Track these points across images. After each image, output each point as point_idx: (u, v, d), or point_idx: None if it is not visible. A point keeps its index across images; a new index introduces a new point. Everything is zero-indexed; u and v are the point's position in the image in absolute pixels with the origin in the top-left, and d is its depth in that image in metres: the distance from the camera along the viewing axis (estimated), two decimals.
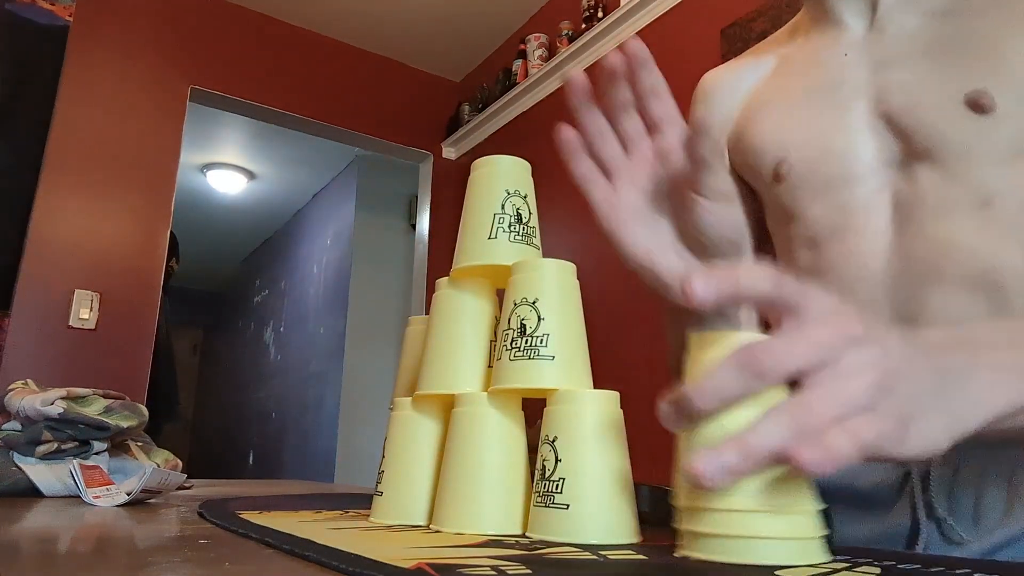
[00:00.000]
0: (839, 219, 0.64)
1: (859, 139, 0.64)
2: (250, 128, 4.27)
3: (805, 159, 0.67)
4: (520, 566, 0.32)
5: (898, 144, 0.62)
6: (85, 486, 0.66)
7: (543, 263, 0.50)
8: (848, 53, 0.67)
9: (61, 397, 0.77)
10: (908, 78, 0.61)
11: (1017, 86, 0.55)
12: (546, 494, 0.43)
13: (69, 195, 2.69)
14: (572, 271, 0.51)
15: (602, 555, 0.37)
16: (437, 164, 3.69)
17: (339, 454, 4.10)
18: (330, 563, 0.33)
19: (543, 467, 0.44)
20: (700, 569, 0.34)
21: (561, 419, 0.44)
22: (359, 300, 4.33)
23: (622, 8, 2.58)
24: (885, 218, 0.62)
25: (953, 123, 0.57)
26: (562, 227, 2.84)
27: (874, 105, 0.63)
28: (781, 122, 0.70)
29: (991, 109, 0.55)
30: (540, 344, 0.46)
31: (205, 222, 5.82)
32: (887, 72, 0.63)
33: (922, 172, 0.60)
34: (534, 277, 0.49)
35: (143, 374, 2.73)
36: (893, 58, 0.63)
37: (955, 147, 0.57)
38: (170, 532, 0.50)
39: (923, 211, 0.59)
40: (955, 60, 0.58)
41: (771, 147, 0.70)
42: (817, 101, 0.67)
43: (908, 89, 0.61)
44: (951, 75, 0.58)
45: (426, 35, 3.47)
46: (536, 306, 0.47)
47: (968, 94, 0.56)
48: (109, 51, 2.86)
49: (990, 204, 0.56)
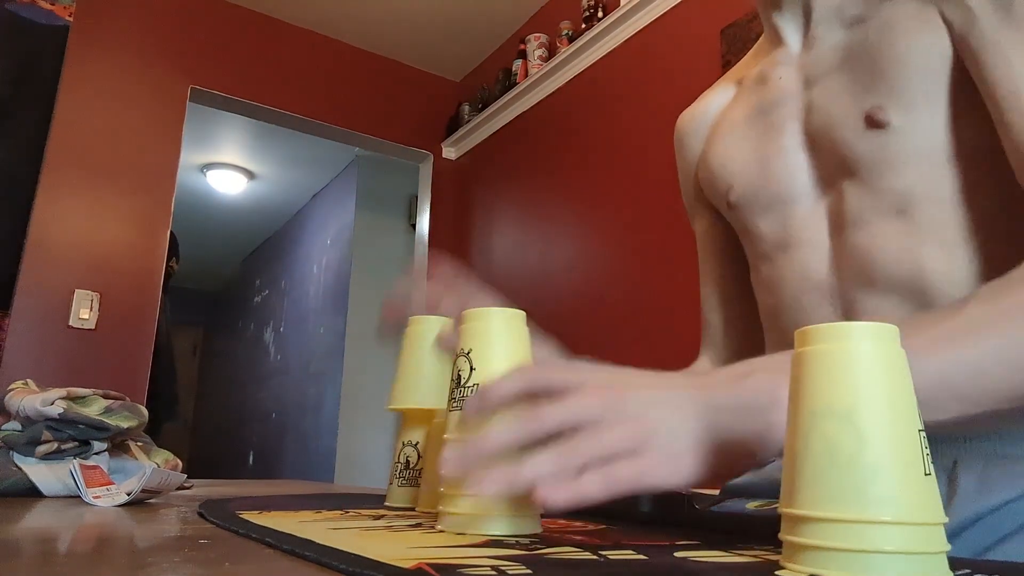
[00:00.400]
0: (784, 235, 0.68)
1: (794, 160, 0.67)
2: (250, 128, 4.27)
3: (748, 184, 0.70)
4: (520, 566, 0.32)
5: (821, 163, 0.65)
6: (85, 486, 0.66)
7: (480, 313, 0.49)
8: (783, 75, 0.70)
9: (61, 397, 0.77)
10: (824, 96, 0.64)
11: (906, 98, 0.57)
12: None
13: (69, 195, 2.68)
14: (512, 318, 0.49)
15: (602, 555, 0.37)
16: (437, 164, 3.69)
17: (339, 454, 4.09)
18: (330, 563, 0.33)
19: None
20: (700, 569, 0.34)
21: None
22: (359, 300, 4.33)
23: (622, 8, 2.58)
24: (823, 231, 0.65)
25: (858, 139, 0.60)
26: (560, 226, 2.84)
27: (802, 124, 0.66)
28: (727, 150, 0.74)
29: (886, 123, 0.58)
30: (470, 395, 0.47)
31: (205, 222, 5.82)
32: (812, 90, 0.66)
33: (845, 186, 0.63)
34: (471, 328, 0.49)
35: (143, 374, 2.73)
36: (817, 75, 0.66)
37: (864, 161, 0.60)
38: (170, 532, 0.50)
39: (849, 222, 0.62)
40: (858, 75, 0.61)
41: (721, 175, 0.74)
42: (758, 124, 0.71)
43: (824, 107, 0.64)
44: (854, 91, 0.61)
45: (426, 35, 3.47)
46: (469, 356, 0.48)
47: (867, 110, 0.59)
48: (109, 51, 2.86)
49: (905, 211, 0.59)
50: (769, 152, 0.68)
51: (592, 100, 2.79)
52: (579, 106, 2.86)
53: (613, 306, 2.48)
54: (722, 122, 0.76)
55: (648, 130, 2.45)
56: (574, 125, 2.86)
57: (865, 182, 0.61)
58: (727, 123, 0.75)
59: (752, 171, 0.70)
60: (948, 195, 0.57)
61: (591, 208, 2.69)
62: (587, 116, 2.80)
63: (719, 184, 0.74)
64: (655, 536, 0.46)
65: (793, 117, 0.67)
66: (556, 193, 2.92)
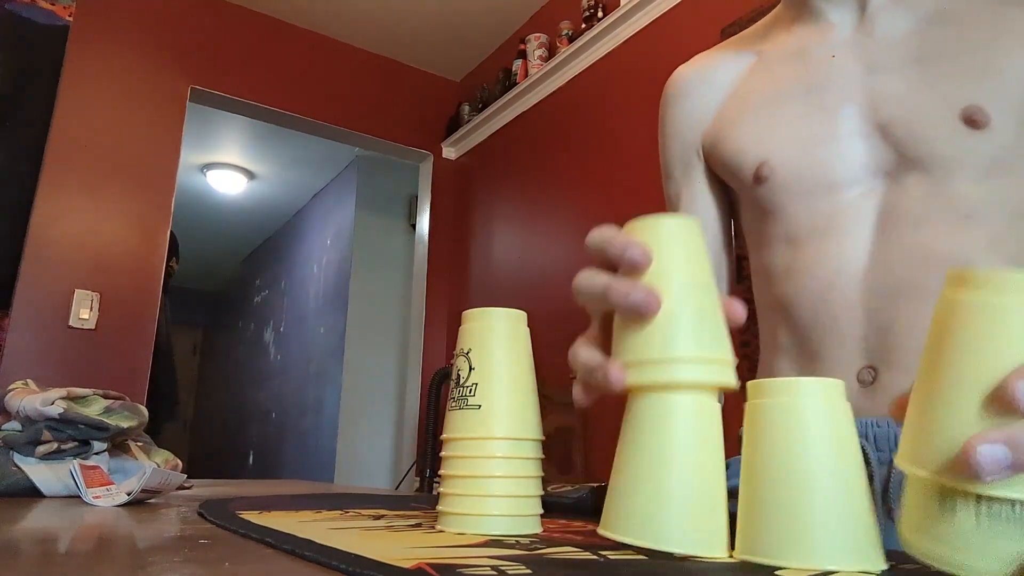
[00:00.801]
0: (820, 222, 0.64)
1: (849, 146, 0.63)
2: (250, 128, 4.27)
3: (788, 162, 0.66)
4: (520, 566, 0.32)
5: (891, 154, 0.61)
6: (85, 486, 0.66)
7: (480, 313, 0.49)
8: (836, 54, 0.66)
9: (61, 397, 0.77)
10: (902, 87, 0.61)
11: (1010, 101, 0.56)
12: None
13: (69, 195, 2.69)
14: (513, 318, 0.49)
15: (603, 555, 0.37)
16: (437, 164, 3.69)
17: (339, 454, 4.09)
18: (330, 563, 0.33)
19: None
20: (700, 569, 0.34)
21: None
22: (359, 300, 4.33)
23: (622, 8, 2.58)
24: (868, 224, 0.62)
25: (947, 137, 0.57)
26: (560, 226, 2.84)
27: (867, 112, 0.63)
28: (763, 124, 0.69)
29: (985, 124, 0.56)
30: (469, 394, 0.47)
31: (205, 222, 5.83)
32: (879, 78, 0.63)
33: (910, 182, 0.60)
34: (470, 328, 0.49)
35: (143, 374, 2.73)
36: (884, 63, 0.63)
37: (945, 160, 0.58)
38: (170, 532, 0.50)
39: (905, 220, 0.59)
40: (949, 71, 0.58)
41: (752, 148, 0.69)
42: (802, 103, 0.67)
43: (903, 99, 0.60)
44: (946, 87, 0.58)
45: (426, 35, 3.47)
46: (469, 356, 0.48)
47: (964, 109, 0.56)
48: (109, 51, 2.86)
49: (972, 217, 0.56)
50: (820, 133, 0.65)
51: (592, 100, 2.79)
52: (579, 106, 2.86)
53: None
54: (749, 92, 0.72)
55: (648, 130, 2.44)
56: (574, 125, 2.86)
57: (939, 181, 0.58)
58: (758, 95, 0.71)
59: (795, 150, 0.66)
60: (1012, 209, 0.56)
61: (591, 208, 2.69)
62: (587, 116, 2.80)
63: (746, 157, 0.69)
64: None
65: (851, 101, 0.64)
66: (556, 193, 2.92)
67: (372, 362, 4.27)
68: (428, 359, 3.46)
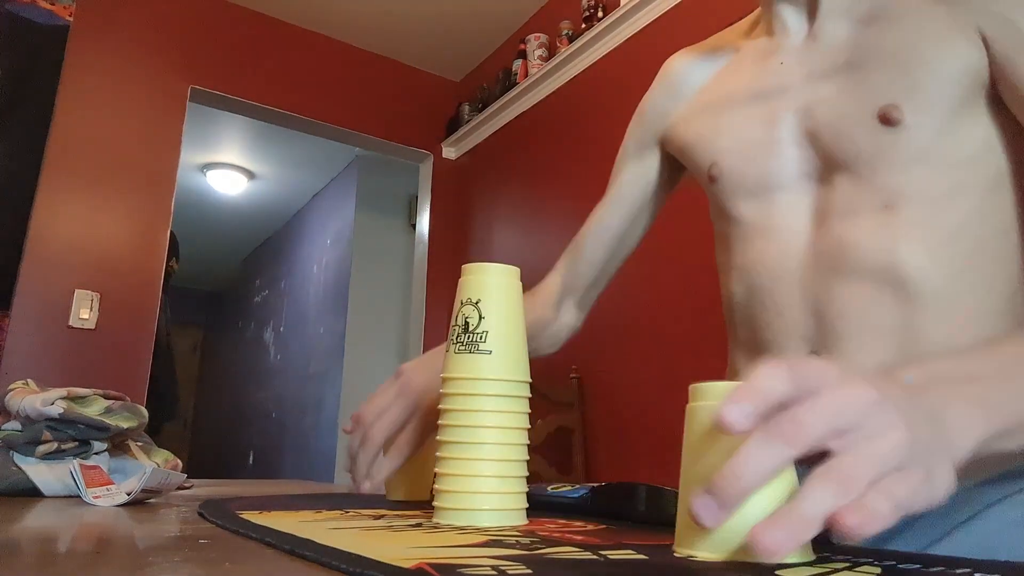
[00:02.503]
0: (763, 220, 0.69)
1: (785, 152, 0.68)
2: (250, 128, 4.27)
3: (734, 165, 0.71)
4: (520, 566, 0.32)
5: (819, 160, 0.66)
6: (85, 486, 0.66)
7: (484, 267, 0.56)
8: (784, 61, 0.70)
9: (61, 397, 0.77)
10: (833, 93, 0.64)
11: (924, 97, 0.59)
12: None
13: (69, 195, 2.68)
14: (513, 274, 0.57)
15: (602, 555, 0.37)
16: (437, 164, 3.69)
17: (339, 454, 4.09)
18: (330, 563, 0.33)
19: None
20: (700, 569, 0.34)
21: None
22: (359, 300, 4.33)
23: (622, 8, 2.58)
24: (803, 221, 0.66)
25: (866, 136, 0.61)
26: (560, 225, 2.84)
27: (801, 118, 0.67)
28: (715, 125, 0.74)
29: (899, 121, 0.59)
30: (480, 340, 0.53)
31: (205, 222, 5.83)
32: (815, 85, 0.66)
33: (838, 180, 0.64)
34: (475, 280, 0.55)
35: (143, 374, 2.73)
36: (822, 70, 0.66)
37: (866, 157, 0.62)
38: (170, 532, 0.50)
39: (835, 214, 0.64)
40: (871, 74, 0.62)
41: (705, 148, 0.75)
42: (750, 107, 0.71)
43: (831, 106, 0.64)
44: (867, 89, 0.61)
45: (426, 35, 3.47)
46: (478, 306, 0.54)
47: (881, 108, 0.60)
48: (109, 51, 2.86)
49: (892, 206, 0.60)
50: (762, 140, 0.69)
51: (592, 100, 2.79)
52: (579, 106, 2.86)
53: (613, 305, 2.48)
54: (713, 93, 0.77)
55: None
56: (574, 125, 2.86)
57: (861, 176, 0.62)
58: (719, 96, 0.76)
59: (741, 154, 0.71)
60: (937, 196, 0.59)
61: (591, 208, 2.69)
62: (587, 116, 2.80)
63: (701, 156, 0.75)
64: (655, 536, 0.46)
65: (791, 110, 0.67)
66: (556, 193, 2.92)
67: (372, 362, 4.27)
68: None
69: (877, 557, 0.39)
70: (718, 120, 0.74)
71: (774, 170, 0.68)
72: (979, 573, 0.34)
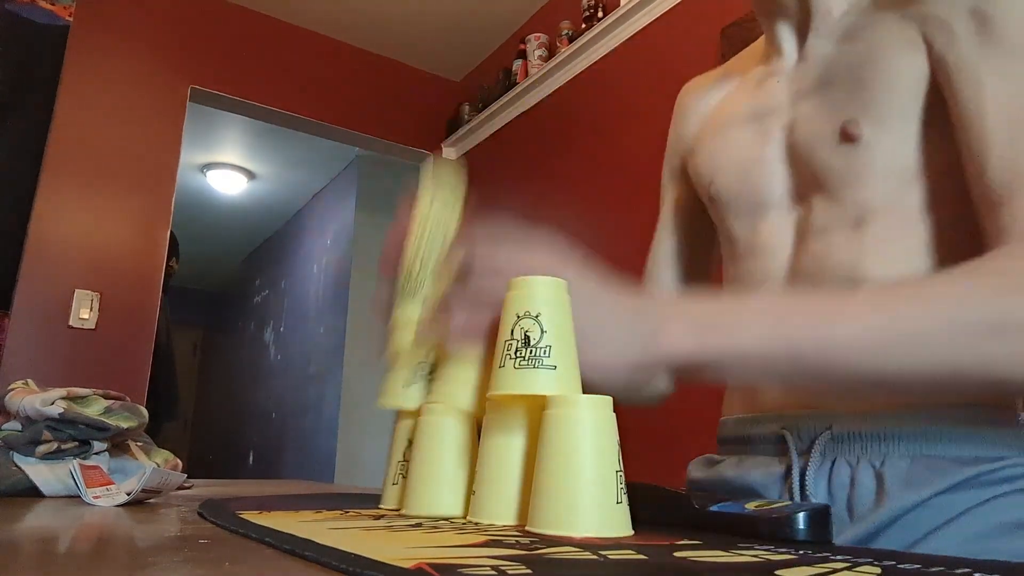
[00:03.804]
0: (753, 239, 0.71)
1: (773, 170, 0.69)
2: (250, 128, 4.27)
3: (728, 185, 0.73)
4: (521, 566, 0.32)
5: (798, 176, 0.67)
6: (85, 486, 0.66)
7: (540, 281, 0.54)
8: (780, 80, 0.71)
9: (61, 397, 0.77)
10: (810, 111, 0.65)
11: (881, 111, 0.59)
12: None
13: (69, 195, 2.69)
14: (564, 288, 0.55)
15: (603, 555, 0.37)
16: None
17: (339, 454, 4.09)
18: (330, 563, 0.33)
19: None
20: (700, 570, 0.34)
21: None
22: (359, 300, 4.33)
23: (622, 8, 2.58)
24: (787, 239, 0.68)
25: (832, 154, 0.62)
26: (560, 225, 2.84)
27: (785, 137, 0.68)
28: (715, 147, 0.76)
29: (858, 138, 0.60)
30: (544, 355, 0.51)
31: (205, 222, 5.83)
32: (799, 103, 0.67)
33: (814, 199, 0.65)
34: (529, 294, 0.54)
35: (143, 374, 2.73)
36: (805, 88, 0.67)
37: (835, 174, 0.63)
38: (170, 532, 0.50)
39: (812, 233, 0.65)
40: (838, 90, 0.63)
41: (706, 170, 0.76)
42: (747, 128, 0.73)
43: (807, 123, 0.65)
44: (833, 106, 0.62)
45: (426, 35, 3.47)
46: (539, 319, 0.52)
47: (841, 126, 0.61)
48: (109, 51, 2.86)
49: (863, 222, 0.61)
50: (754, 159, 0.70)
51: (592, 100, 2.79)
52: (579, 106, 2.86)
53: None
54: (719, 114, 0.78)
55: (648, 130, 2.44)
56: (574, 125, 2.86)
57: (833, 194, 0.63)
58: (722, 117, 0.77)
59: (734, 174, 0.72)
60: (905, 210, 0.60)
61: (591, 208, 2.69)
62: (587, 116, 2.80)
63: (703, 178, 0.76)
64: (655, 536, 0.46)
65: (779, 128, 0.69)
66: (556, 193, 2.92)
67: (372, 362, 4.27)
68: None
69: (876, 557, 0.39)
70: (717, 141, 0.75)
71: (764, 189, 0.70)
72: (979, 573, 0.34)
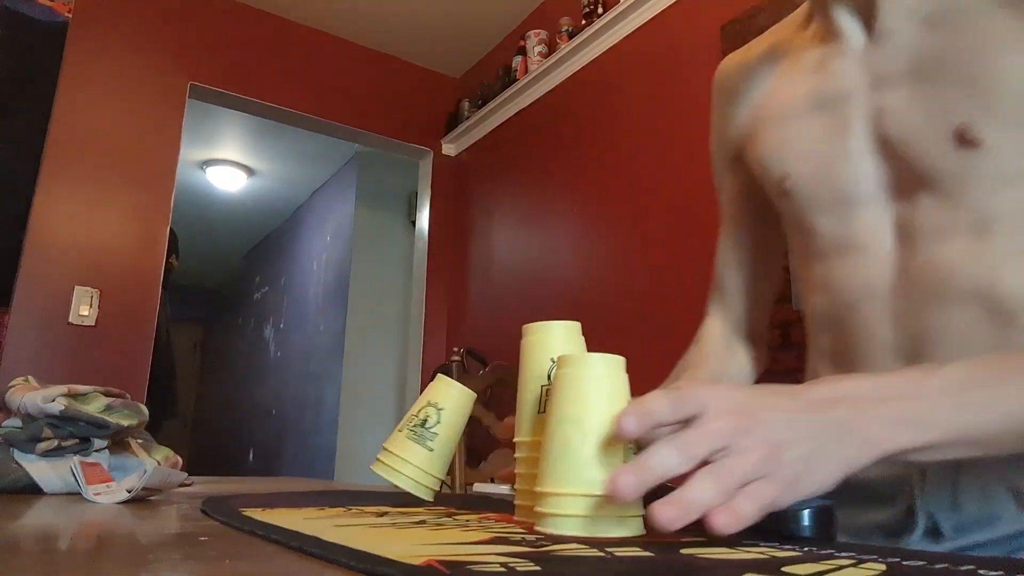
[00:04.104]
0: (844, 237, 0.66)
1: (860, 164, 0.64)
2: (250, 124, 4.26)
3: (807, 178, 0.68)
4: (529, 563, 0.32)
5: (896, 172, 0.62)
6: (85, 483, 0.66)
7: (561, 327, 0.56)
8: (847, 66, 0.66)
9: (62, 394, 0.77)
10: (902, 104, 0.61)
11: (1002, 117, 0.55)
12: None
13: (69, 192, 2.68)
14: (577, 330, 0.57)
15: (609, 552, 0.37)
16: (437, 160, 3.69)
17: (339, 451, 4.10)
18: (339, 560, 0.32)
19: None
20: (706, 567, 0.34)
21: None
22: (359, 297, 4.33)
23: (622, 4, 2.57)
24: (888, 238, 0.63)
25: (944, 155, 0.58)
26: (560, 221, 2.83)
27: (873, 128, 0.63)
28: (784, 136, 0.71)
29: (979, 143, 0.56)
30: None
31: (205, 219, 5.82)
32: (884, 91, 0.63)
33: (920, 198, 0.61)
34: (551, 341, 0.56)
35: (143, 371, 2.73)
36: (890, 75, 0.63)
37: (948, 176, 0.58)
38: (171, 529, 0.49)
39: (922, 235, 0.60)
40: (942, 87, 0.58)
41: (776, 162, 0.71)
42: (819, 116, 0.68)
43: (902, 117, 0.61)
44: (940, 104, 0.58)
45: (426, 31, 3.46)
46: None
47: (957, 128, 0.57)
48: (108, 48, 2.86)
49: (987, 229, 0.57)
50: (835, 150, 0.66)
51: (592, 96, 2.79)
52: (579, 102, 2.85)
53: (614, 302, 2.48)
54: (776, 98, 0.73)
55: (648, 126, 2.44)
56: (574, 121, 2.86)
57: (948, 197, 0.59)
58: (782, 102, 0.72)
59: (813, 167, 0.67)
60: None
61: (591, 204, 2.68)
62: (587, 112, 2.79)
63: (773, 170, 0.71)
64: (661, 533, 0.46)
65: (860, 117, 0.64)
66: (556, 189, 2.92)
67: (372, 359, 4.27)
68: (428, 356, 3.46)
69: (881, 554, 0.39)
70: (785, 131, 0.70)
71: (851, 183, 0.65)
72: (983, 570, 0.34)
